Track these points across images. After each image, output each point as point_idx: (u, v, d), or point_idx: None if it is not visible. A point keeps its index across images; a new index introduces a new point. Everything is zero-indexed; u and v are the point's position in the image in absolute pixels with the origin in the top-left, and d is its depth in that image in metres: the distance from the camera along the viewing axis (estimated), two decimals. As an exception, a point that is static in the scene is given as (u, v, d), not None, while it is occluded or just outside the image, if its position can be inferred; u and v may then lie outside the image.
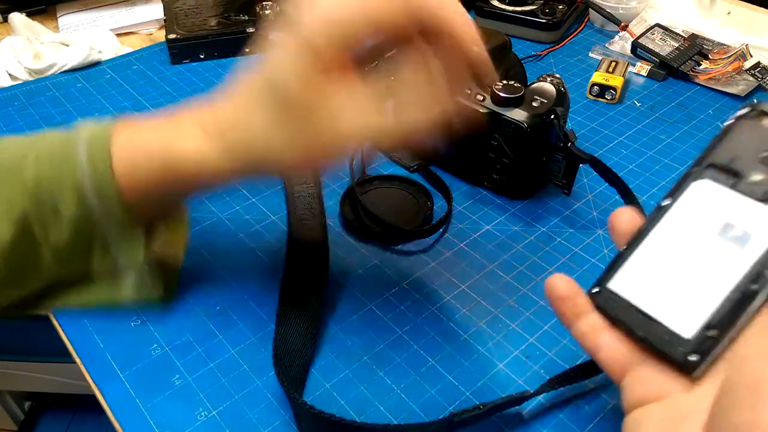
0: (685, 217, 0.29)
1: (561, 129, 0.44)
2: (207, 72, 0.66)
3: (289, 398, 0.34)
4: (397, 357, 0.38)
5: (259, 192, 0.50)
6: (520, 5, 0.72)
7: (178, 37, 0.66)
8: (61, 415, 1.17)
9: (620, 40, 0.70)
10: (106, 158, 0.33)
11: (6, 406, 1.12)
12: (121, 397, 0.35)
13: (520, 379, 0.36)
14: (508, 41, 0.50)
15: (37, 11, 0.76)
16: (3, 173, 0.34)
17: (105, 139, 0.33)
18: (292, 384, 0.35)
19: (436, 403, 0.35)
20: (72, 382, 1.05)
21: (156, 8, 0.76)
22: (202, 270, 0.43)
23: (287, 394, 0.34)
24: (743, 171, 0.29)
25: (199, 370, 0.37)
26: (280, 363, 0.35)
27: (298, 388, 0.36)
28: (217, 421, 0.34)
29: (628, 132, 0.57)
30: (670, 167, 0.53)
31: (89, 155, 0.33)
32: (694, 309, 0.26)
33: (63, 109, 0.60)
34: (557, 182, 0.47)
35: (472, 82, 0.34)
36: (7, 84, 0.63)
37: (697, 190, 0.29)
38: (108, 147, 0.33)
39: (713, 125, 0.58)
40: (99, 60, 0.67)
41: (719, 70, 0.64)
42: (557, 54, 0.69)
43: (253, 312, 0.40)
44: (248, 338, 0.39)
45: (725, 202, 0.28)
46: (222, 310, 0.40)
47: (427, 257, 0.44)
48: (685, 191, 0.30)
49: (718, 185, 0.29)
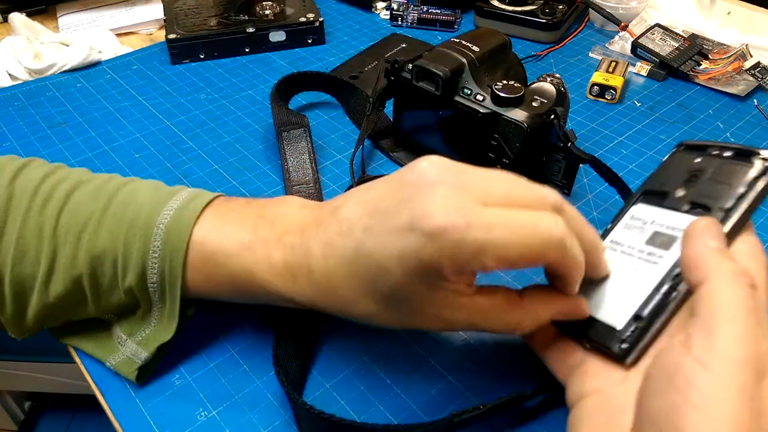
0: (621, 234, 0.34)
1: (561, 129, 0.44)
2: (207, 72, 0.66)
3: (289, 398, 0.34)
4: (397, 357, 0.38)
5: (259, 192, 0.50)
6: (520, 5, 0.72)
7: (178, 37, 0.66)
8: (61, 415, 1.17)
9: (620, 40, 0.70)
10: (182, 248, 0.32)
11: (6, 406, 1.12)
12: (121, 397, 0.35)
13: (520, 379, 0.36)
14: (508, 41, 0.50)
15: (37, 11, 0.77)
16: (75, 231, 0.33)
17: (187, 224, 0.33)
18: (292, 384, 0.35)
19: (436, 402, 0.35)
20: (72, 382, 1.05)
21: (156, 8, 0.76)
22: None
23: (287, 394, 0.34)
24: (670, 191, 0.33)
25: (199, 370, 0.37)
26: (279, 363, 0.35)
27: (298, 388, 0.36)
28: (217, 421, 0.34)
29: (628, 132, 0.57)
30: (670, 167, 0.53)
31: (166, 238, 0.33)
32: (626, 305, 0.30)
33: (63, 109, 0.60)
34: (557, 182, 0.47)
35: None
36: (7, 84, 0.63)
37: (633, 212, 0.34)
38: (187, 236, 0.33)
39: (713, 125, 0.58)
40: (99, 60, 0.67)
41: (719, 70, 0.64)
42: (557, 54, 0.69)
43: (253, 312, 0.40)
44: (248, 338, 0.39)
45: (654, 217, 0.33)
46: (222, 310, 0.40)
47: (427, 257, 0.44)
48: (624, 215, 0.35)
49: (650, 206, 0.34)
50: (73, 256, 0.33)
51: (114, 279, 0.34)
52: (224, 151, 0.54)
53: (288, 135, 0.51)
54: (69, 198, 0.34)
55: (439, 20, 0.73)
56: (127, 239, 0.33)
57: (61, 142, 0.55)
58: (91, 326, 0.37)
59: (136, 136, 0.56)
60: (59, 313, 0.35)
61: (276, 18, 0.70)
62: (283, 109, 0.53)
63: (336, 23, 0.75)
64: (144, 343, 0.35)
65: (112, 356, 0.36)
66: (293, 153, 0.50)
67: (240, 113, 0.59)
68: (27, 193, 0.34)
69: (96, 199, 0.34)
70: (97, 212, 0.34)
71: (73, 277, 0.33)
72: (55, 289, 0.34)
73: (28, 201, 0.34)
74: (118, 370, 0.36)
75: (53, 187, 0.35)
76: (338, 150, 0.54)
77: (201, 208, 0.34)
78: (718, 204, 0.30)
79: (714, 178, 0.31)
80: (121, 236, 0.33)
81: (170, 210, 0.34)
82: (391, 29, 0.74)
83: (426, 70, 0.46)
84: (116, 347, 0.36)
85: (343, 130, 0.57)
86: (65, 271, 0.33)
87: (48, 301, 0.34)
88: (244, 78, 0.65)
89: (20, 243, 0.33)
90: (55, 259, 0.33)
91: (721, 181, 0.31)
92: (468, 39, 0.48)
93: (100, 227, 0.33)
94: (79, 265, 0.33)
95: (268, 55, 0.69)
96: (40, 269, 0.33)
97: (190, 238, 0.33)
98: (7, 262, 0.33)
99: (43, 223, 0.33)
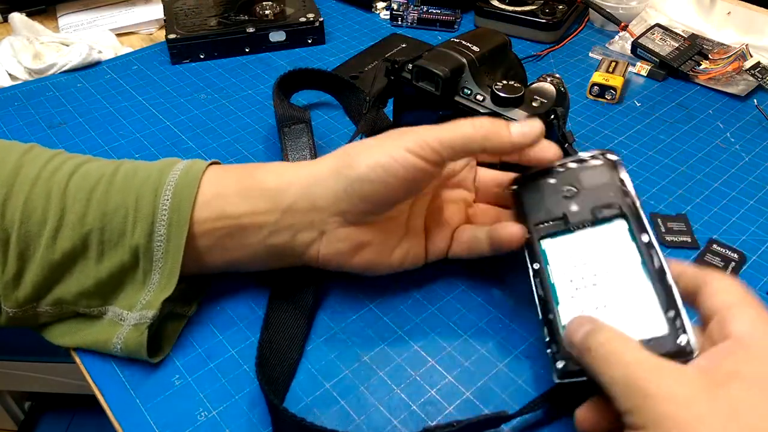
0: (565, 277, 0.34)
1: (560, 129, 0.44)
2: (207, 72, 0.66)
3: (268, 402, 0.34)
4: (397, 357, 0.38)
5: (259, 192, 0.50)
6: (520, 5, 0.72)
7: (178, 37, 0.66)
8: (61, 415, 1.17)
9: (620, 40, 0.70)
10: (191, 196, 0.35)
11: (6, 406, 1.12)
12: (121, 397, 0.35)
13: (520, 379, 0.36)
14: (508, 41, 0.50)
15: (37, 11, 0.76)
16: (85, 191, 0.35)
17: (195, 176, 0.36)
18: (272, 386, 0.34)
19: (436, 403, 0.35)
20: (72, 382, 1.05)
21: (156, 8, 0.76)
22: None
23: (266, 398, 0.33)
24: (566, 213, 0.35)
25: (199, 370, 0.37)
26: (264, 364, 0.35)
27: (279, 392, 0.35)
28: (217, 421, 0.34)
29: (628, 132, 0.57)
30: (670, 167, 0.53)
31: (175, 191, 0.35)
32: (648, 312, 0.31)
33: (63, 109, 0.60)
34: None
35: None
36: (7, 84, 0.63)
37: (551, 253, 0.35)
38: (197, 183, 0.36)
39: (713, 125, 0.58)
40: (99, 60, 0.67)
41: (719, 70, 0.64)
42: (557, 54, 0.69)
43: (253, 312, 0.40)
44: (248, 338, 0.39)
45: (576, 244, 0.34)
46: (222, 310, 0.40)
47: (427, 257, 0.44)
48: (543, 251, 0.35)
49: (558, 237, 0.35)
50: (83, 214, 0.35)
51: (122, 233, 0.35)
52: (224, 151, 0.54)
53: (290, 130, 0.51)
54: (78, 168, 0.37)
55: (439, 20, 0.73)
56: (139, 194, 0.35)
57: (61, 142, 0.55)
58: (84, 321, 0.37)
59: (136, 136, 0.56)
60: (59, 274, 0.35)
61: (276, 18, 0.70)
62: (285, 104, 0.53)
63: (336, 23, 0.75)
64: (148, 305, 0.36)
65: (117, 336, 0.36)
66: (294, 148, 0.50)
67: (240, 113, 0.59)
68: (37, 164, 0.36)
69: (105, 167, 0.37)
70: (108, 174, 0.36)
71: (82, 233, 0.35)
72: (61, 245, 0.35)
73: (38, 170, 0.36)
74: (126, 345, 0.36)
75: (63, 162, 0.37)
76: (338, 150, 0.54)
77: (207, 164, 0.38)
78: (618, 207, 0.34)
79: (586, 187, 0.35)
80: (133, 193, 0.35)
81: (177, 170, 0.37)
82: (391, 29, 0.74)
83: (426, 70, 0.46)
84: (117, 326, 0.36)
85: (343, 130, 0.57)
86: (74, 228, 0.35)
87: (52, 259, 0.35)
88: (244, 78, 0.65)
89: (28, 203, 0.35)
90: (63, 216, 0.35)
91: (597, 187, 0.34)
92: (468, 39, 0.48)
93: (112, 186, 0.36)
94: (89, 221, 0.35)
95: (268, 55, 0.69)
96: (47, 226, 0.34)
97: (198, 188, 0.36)
98: (14, 220, 0.34)
99: (52, 187, 0.35)
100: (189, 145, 0.55)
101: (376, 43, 0.70)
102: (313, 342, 0.39)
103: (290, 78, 0.55)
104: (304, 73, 0.56)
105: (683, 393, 0.26)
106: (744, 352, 0.27)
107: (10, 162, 0.36)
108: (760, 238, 0.46)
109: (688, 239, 0.46)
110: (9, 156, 0.36)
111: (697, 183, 0.51)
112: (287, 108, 0.52)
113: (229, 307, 0.40)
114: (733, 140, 0.56)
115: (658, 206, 0.49)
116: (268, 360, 0.36)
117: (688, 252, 0.45)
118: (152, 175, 0.36)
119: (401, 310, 0.40)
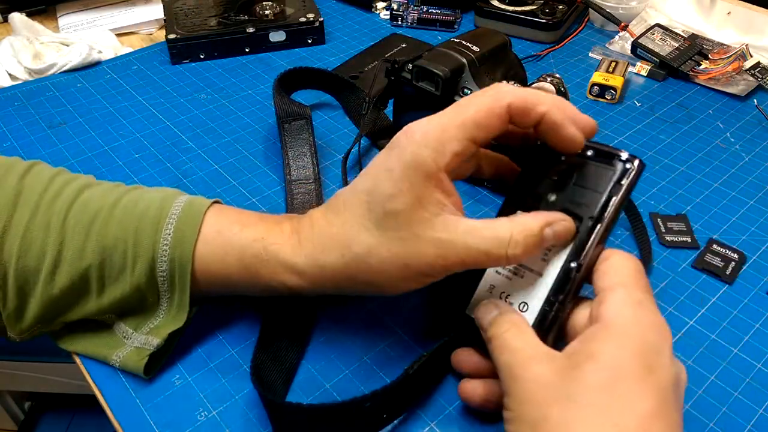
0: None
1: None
2: (207, 72, 0.66)
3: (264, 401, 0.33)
4: (397, 357, 0.38)
5: (259, 192, 0.50)
6: (520, 5, 0.72)
7: (178, 37, 0.66)
8: (61, 415, 1.17)
9: (620, 40, 0.70)
10: (194, 234, 0.34)
11: (6, 406, 1.12)
12: (121, 397, 0.35)
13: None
14: (508, 41, 0.50)
15: (37, 11, 0.76)
16: (84, 224, 0.34)
17: (198, 212, 0.35)
18: (270, 388, 0.34)
19: (436, 402, 0.35)
20: (72, 382, 1.05)
21: (156, 8, 0.76)
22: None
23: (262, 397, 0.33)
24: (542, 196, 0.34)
25: (199, 370, 0.37)
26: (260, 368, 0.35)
27: (278, 394, 0.35)
28: (217, 421, 0.34)
29: (628, 132, 0.57)
30: (670, 167, 0.53)
31: (177, 226, 0.34)
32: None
33: (63, 109, 0.60)
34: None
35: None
36: (7, 84, 0.63)
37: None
38: (199, 221, 0.34)
39: (713, 125, 0.58)
40: (99, 60, 0.67)
41: (719, 70, 0.64)
42: (557, 54, 0.69)
43: (253, 312, 0.40)
44: (248, 338, 0.39)
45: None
46: (222, 310, 0.40)
47: (427, 257, 0.44)
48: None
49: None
50: (82, 248, 0.34)
51: (122, 269, 0.34)
52: (224, 151, 0.54)
53: (290, 126, 0.51)
54: (79, 195, 0.35)
55: (439, 20, 0.74)
56: (139, 229, 0.34)
57: (61, 142, 0.55)
58: (91, 327, 0.37)
59: (136, 136, 0.56)
60: (61, 307, 0.35)
61: (276, 18, 0.70)
62: (286, 100, 0.53)
63: (336, 23, 0.75)
64: (155, 332, 0.35)
65: (118, 351, 0.36)
66: (294, 145, 0.50)
67: (240, 113, 0.59)
68: (37, 189, 0.35)
69: (105, 196, 0.35)
70: (107, 206, 0.35)
71: (81, 269, 0.34)
72: (60, 281, 0.34)
73: (37, 197, 0.34)
74: (125, 364, 0.35)
75: (63, 186, 0.35)
76: (338, 150, 0.54)
77: (210, 202, 0.36)
78: (588, 213, 0.32)
79: (580, 183, 0.33)
80: (132, 227, 0.34)
81: (180, 203, 0.35)
82: (391, 29, 0.74)
83: (426, 70, 0.46)
84: (120, 342, 0.36)
85: (343, 130, 0.57)
86: (72, 263, 0.34)
87: (52, 294, 0.34)
88: (244, 78, 0.65)
89: (27, 236, 0.33)
90: (61, 251, 0.34)
91: (588, 187, 0.33)
92: (468, 39, 0.48)
93: (111, 219, 0.34)
94: (88, 256, 0.34)
95: (268, 55, 0.69)
96: (46, 261, 0.33)
97: (201, 224, 0.34)
98: (12, 254, 0.33)
99: (51, 218, 0.34)
100: (189, 145, 0.55)
101: (376, 43, 0.70)
102: (313, 342, 0.39)
103: (291, 76, 0.55)
104: (304, 71, 0.56)
105: (544, 375, 0.28)
106: (604, 333, 0.28)
107: (9, 186, 0.34)
108: (760, 238, 0.46)
109: (688, 239, 0.46)
110: (7, 179, 0.35)
111: (697, 183, 0.51)
112: (287, 104, 0.52)
113: (229, 307, 0.40)
114: (733, 140, 0.56)
115: (658, 206, 0.49)
116: (265, 363, 0.36)
117: (688, 252, 0.45)
118: (152, 206, 0.35)
119: (401, 310, 0.40)
